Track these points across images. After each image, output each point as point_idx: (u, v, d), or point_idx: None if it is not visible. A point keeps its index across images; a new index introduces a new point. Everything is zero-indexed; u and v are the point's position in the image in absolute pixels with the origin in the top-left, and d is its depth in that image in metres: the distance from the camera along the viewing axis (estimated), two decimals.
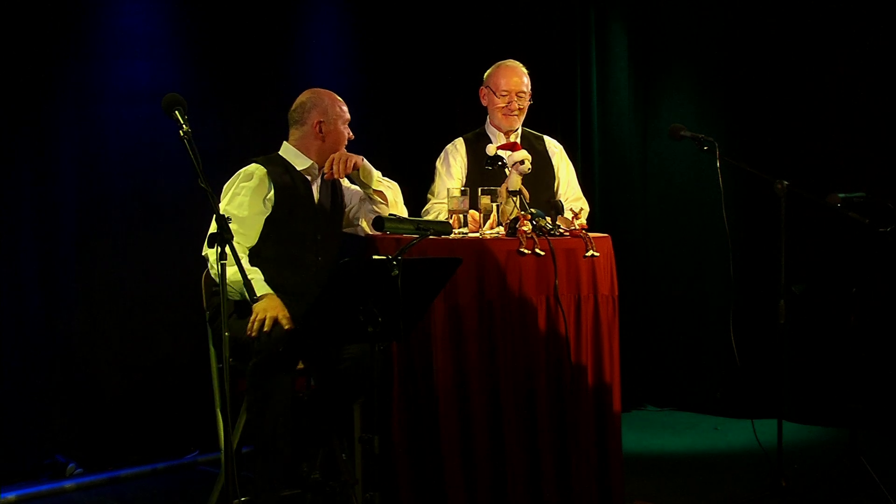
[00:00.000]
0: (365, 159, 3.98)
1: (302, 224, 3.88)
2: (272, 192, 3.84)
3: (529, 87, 4.35)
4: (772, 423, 4.21)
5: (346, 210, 4.12)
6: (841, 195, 4.13)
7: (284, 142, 4.01)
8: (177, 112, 3.19)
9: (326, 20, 5.56)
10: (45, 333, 4.57)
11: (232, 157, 4.21)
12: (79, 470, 4.57)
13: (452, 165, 4.36)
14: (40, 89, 4.54)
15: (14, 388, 4.46)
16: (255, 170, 3.86)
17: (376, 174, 4.03)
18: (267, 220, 3.83)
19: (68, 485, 4.43)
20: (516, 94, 4.30)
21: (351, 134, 4.01)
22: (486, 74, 4.42)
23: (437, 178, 4.39)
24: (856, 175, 5.31)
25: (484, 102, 4.42)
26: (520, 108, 4.33)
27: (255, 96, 5.09)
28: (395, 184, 4.12)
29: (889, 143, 5.41)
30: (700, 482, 4.59)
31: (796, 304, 4.95)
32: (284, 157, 3.97)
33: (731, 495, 4.32)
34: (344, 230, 4.13)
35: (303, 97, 4.01)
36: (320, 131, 3.94)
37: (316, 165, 3.96)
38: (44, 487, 4.37)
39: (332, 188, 4.05)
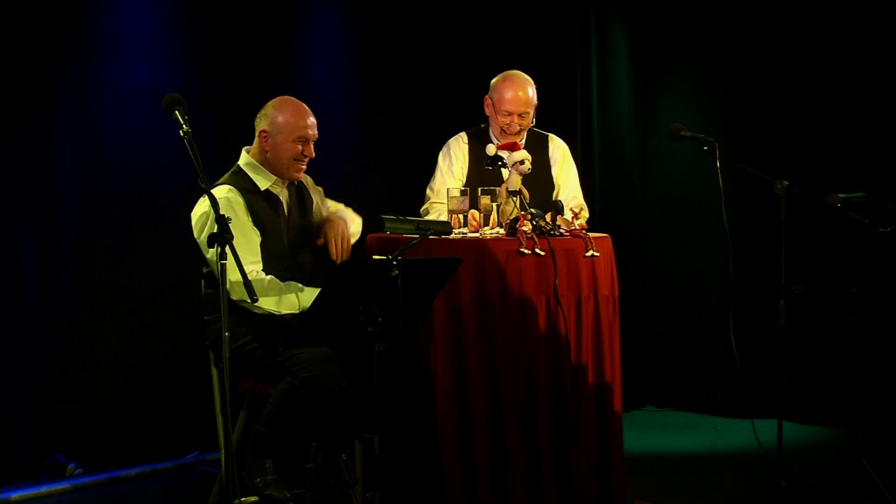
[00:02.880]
0: (355, 224, 3.96)
1: (278, 243, 3.77)
2: (249, 217, 3.69)
3: (535, 100, 4.24)
4: (772, 423, 4.21)
5: (314, 220, 4.00)
6: (841, 195, 4.13)
7: (244, 150, 3.85)
8: (177, 112, 3.19)
9: (326, 20, 5.56)
10: (45, 333, 4.57)
11: (232, 157, 4.20)
12: (79, 470, 4.57)
13: (454, 163, 4.32)
14: (40, 89, 4.54)
15: (14, 388, 4.47)
16: (228, 193, 3.66)
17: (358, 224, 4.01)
18: None
19: (68, 485, 4.43)
20: (518, 115, 4.21)
21: (311, 152, 3.78)
22: (492, 83, 4.31)
23: (437, 174, 4.34)
24: (856, 175, 5.31)
25: (487, 112, 4.33)
26: (521, 127, 4.24)
27: (255, 96, 5.04)
28: (360, 218, 4.04)
29: (889, 143, 5.40)
30: (700, 482, 4.59)
31: (796, 304, 4.94)
32: (247, 172, 3.77)
33: (731, 495, 4.32)
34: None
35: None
36: (266, 141, 3.78)
37: (279, 182, 3.80)
38: (44, 487, 4.37)
39: (300, 199, 3.92)
